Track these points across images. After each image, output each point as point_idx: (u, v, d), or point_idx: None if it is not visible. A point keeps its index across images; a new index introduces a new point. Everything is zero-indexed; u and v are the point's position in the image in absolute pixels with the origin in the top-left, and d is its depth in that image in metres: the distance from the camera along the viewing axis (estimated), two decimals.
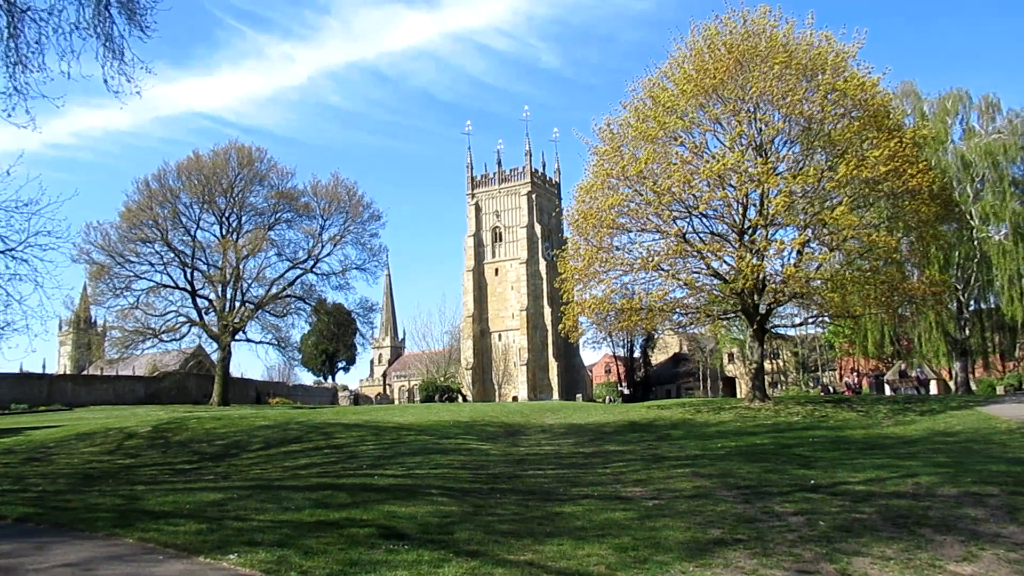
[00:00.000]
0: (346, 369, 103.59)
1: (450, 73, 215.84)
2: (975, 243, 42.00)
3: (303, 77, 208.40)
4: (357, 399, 78.81)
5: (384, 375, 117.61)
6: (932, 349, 46.66)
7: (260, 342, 51.64)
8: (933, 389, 56.32)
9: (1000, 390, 54.01)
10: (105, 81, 12.10)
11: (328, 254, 52.41)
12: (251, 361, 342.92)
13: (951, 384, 51.22)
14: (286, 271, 51.81)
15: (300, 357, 79.11)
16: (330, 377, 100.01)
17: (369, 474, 14.63)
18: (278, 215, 52.04)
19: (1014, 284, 40.90)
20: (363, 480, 13.72)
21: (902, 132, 31.41)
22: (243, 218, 51.21)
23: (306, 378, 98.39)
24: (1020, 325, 47.45)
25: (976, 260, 42.34)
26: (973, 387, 48.72)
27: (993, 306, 45.05)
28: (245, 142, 55.13)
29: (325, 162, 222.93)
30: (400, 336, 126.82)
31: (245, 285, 50.20)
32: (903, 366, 62.43)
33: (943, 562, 7.56)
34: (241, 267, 49.12)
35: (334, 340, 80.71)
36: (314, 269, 52.21)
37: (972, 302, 45.32)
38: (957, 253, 41.66)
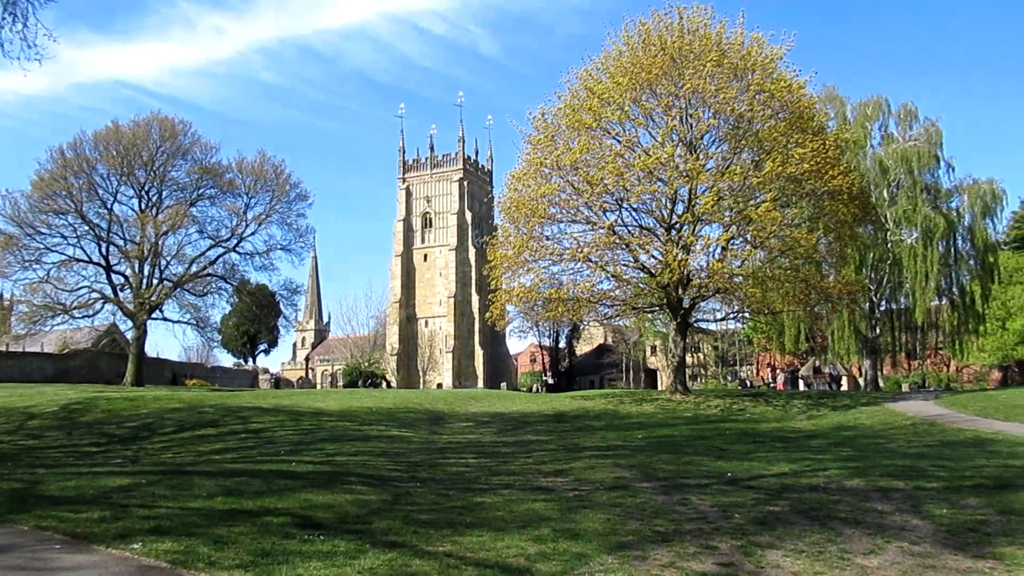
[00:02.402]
0: (268, 352, 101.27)
1: (386, 54, 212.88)
2: (889, 246, 43.60)
3: (233, 51, 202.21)
4: (278, 383, 77.20)
5: (307, 359, 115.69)
6: (844, 347, 48.39)
7: (178, 321, 49.97)
8: (844, 385, 58.45)
9: (906, 387, 56.56)
10: (1, 46, 11.32)
11: (252, 233, 50.95)
12: (168, 341, 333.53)
13: (861, 381, 53.21)
14: (207, 249, 50.16)
15: (220, 338, 77.00)
16: (251, 359, 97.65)
17: (286, 460, 14.28)
18: (201, 191, 50.28)
19: (922, 287, 42.64)
20: (280, 467, 13.38)
21: (825, 135, 32.39)
22: (163, 193, 49.30)
23: (226, 360, 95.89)
24: (925, 326, 49.68)
25: (889, 262, 43.98)
26: (881, 384, 50.77)
27: (903, 307, 46.90)
28: (169, 114, 52.89)
29: (253, 139, 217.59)
30: (325, 320, 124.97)
31: (164, 262, 48.43)
32: (817, 362, 64.62)
33: (851, 555, 7.76)
34: (160, 243, 47.33)
35: (256, 322, 78.60)
36: (237, 248, 50.70)
37: (883, 302, 47.09)
38: (872, 255, 43.19)
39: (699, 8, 31.01)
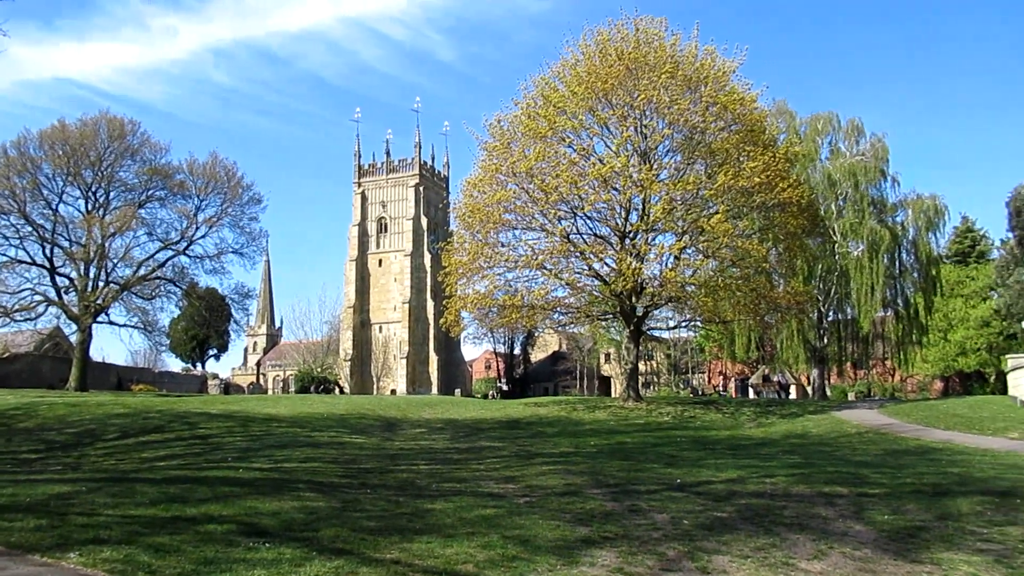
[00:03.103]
0: (217, 357, 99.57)
1: (343, 58, 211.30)
2: (836, 258, 44.57)
3: (186, 51, 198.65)
4: (228, 388, 75.91)
5: (258, 364, 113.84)
6: (793, 356, 49.29)
7: (124, 325, 48.82)
8: (793, 394, 59.57)
9: (852, 396, 57.89)
10: None
11: (203, 236, 50.08)
12: (114, 345, 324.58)
13: (809, 389, 54.27)
14: (156, 252, 49.17)
15: (168, 343, 75.41)
16: (200, 364, 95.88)
17: (233, 467, 14.02)
18: (150, 192, 49.28)
19: (868, 298, 43.67)
20: (226, 473, 13.13)
21: (776, 148, 33.06)
22: (111, 193, 48.21)
23: (174, 365, 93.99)
24: (871, 336, 50.86)
25: (836, 274, 44.94)
26: (828, 393, 51.80)
27: (849, 318, 47.95)
28: (118, 114, 51.71)
29: (205, 141, 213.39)
30: (277, 325, 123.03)
31: (110, 264, 47.32)
32: (766, 371, 65.73)
33: (796, 560, 7.89)
34: (107, 245, 46.24)
35: (206, 326, 77.24)
36: (187, 251, 49.79)
37: (831, 313, 48.07)
38: (820, 266, 44.10)
39: (654, 20, 31.53)
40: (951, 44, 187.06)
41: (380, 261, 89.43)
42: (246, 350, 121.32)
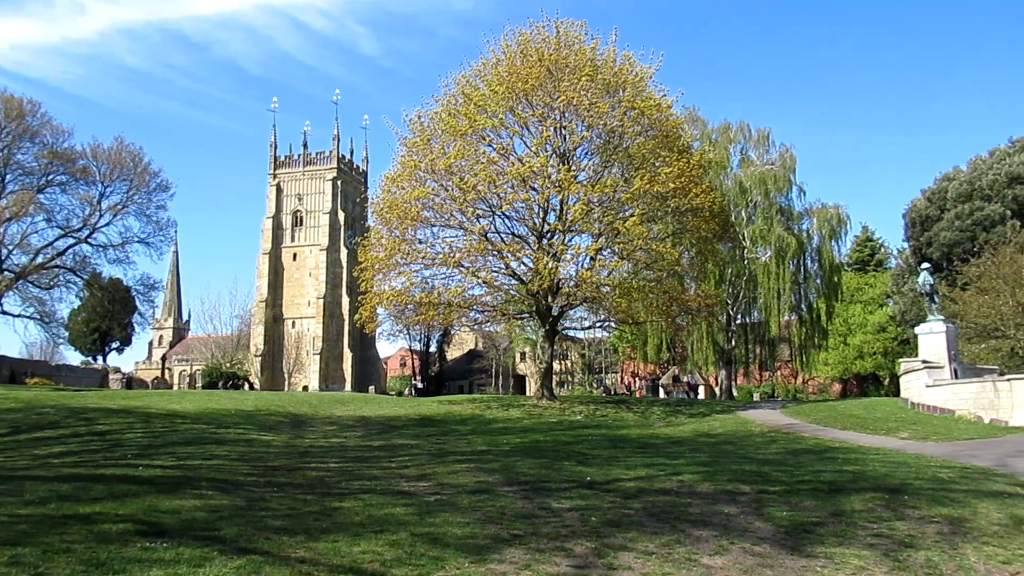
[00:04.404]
0: (120, 350, 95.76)
1: (261, 46, 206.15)
2: (745, 262, 46.04)
3: (94, 31, 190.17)
4: (130, 383, 72.91)
5: (164, 358, 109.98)
6: (703, 357, 50.67)
7: (19, 316, 46.64)
8: (701, 394, 61.19)
9: (757, 397, 59.88)
10: None
11: (107, 224, 48.22)
12: (7, 336, 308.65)
13: (717, 390, 55.84)
14: (56, 239, 47.06)
15: (67, 335, 72.07)
16: (101, 358, 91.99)
17: (133, 464, 13.47)
18: (50, 177, 47.05)
19: (775, 302, 45.28)
20: (125, 471, 12.61)
21: (690, 154, 33.88)
22: (7, 177, 45.85)
23: (73, 358, 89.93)
24: (777, 339, 52.73)
25: (745, 278, 46.43)
26: (735, 393, 53.43)
27: (757, 321, 49.61)
28: (17, 92, 49.16)
29: (113, 125, 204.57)
30: (185, 318, 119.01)
31: (5, 252, 45.06)
32: (677, 372, 67.35)
33: (698, 555, 8.10)
34: (2, 231, 44.01)
35: (108, 318, 74.25)
36: (90, 239, 47.83)
37: (739, 316, 49.63)
38: (730, 270, 45.48)
39: (575, 24, 31.89)
40: (852, 58, 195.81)
41: (295, 255, 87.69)
42: (151, 344, 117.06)
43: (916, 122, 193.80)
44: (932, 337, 30.90)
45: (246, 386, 64.34)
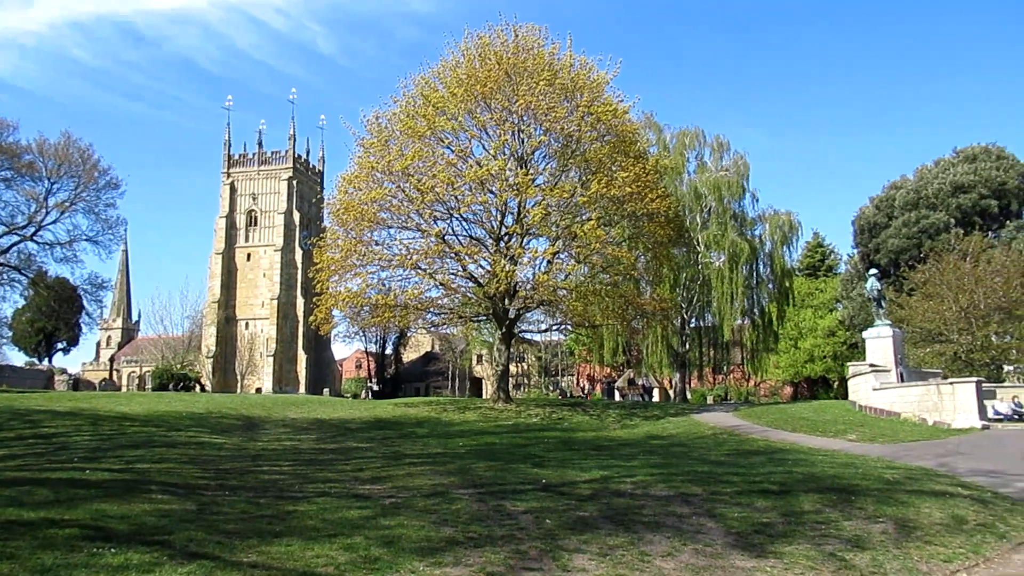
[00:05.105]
0: (67, 351, 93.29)
1: (217, 43, 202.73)
2: (699, 267, 46.62)
3: (44, 24, 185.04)
4: (77, 384, 71.08)
5: (112, 359, 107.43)
6: (657, 360, 51.11)
7: None
8: (656, 397, 61.72)
9: (710, 399, 60.62)
10: None
11: (54, 221, 46.96)
12: None
13: (671, 393, 56.37)
14: (0, 236, 45.71)
15: (10, 334, 70.14)
16: (47, 359, 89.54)
17: (80, 468, 13.16)
18: None
19: (728, 306, 45.94)
20: (72, 475, 12.32)
21: (646, 160, 34.24)
22: None
23: (17, 358, 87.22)
24: (730, 343, 53.49)
25: (699, 282, 47.01)
26: (689, 396, 54.05)
27: (710, 324, 50.24)
28: None
29: (61, 120, 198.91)
30: (135, 318, 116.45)
31: None
32: (632, 374, 67.86)
33: (651, 557, 8.20)
34: None
35: (54, 318, 72.40)
36: (35, 237, 46.54)
37: (693, 320, 50.20)
38: (684, 275, 46.01)
39: (534, 28, 32.01)
40: (805, 66, 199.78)
41: (249, 255, 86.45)
42: (99, 344, 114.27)
43: (866, 131, 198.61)
44: (879, 341, 31.68)
45: (197, 388, 63.20)
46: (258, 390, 76.80)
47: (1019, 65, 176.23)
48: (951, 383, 26.68)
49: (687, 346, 49.46)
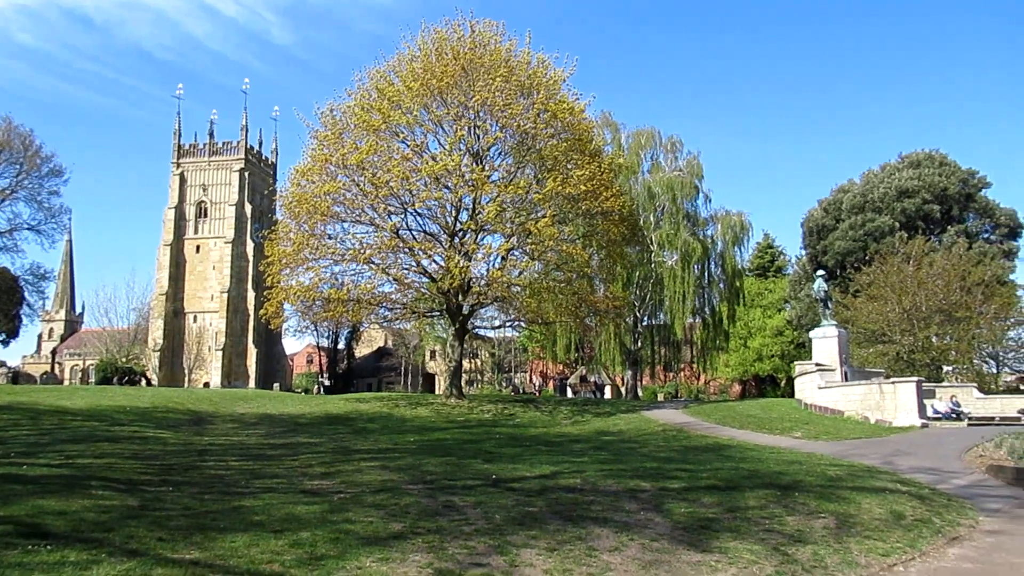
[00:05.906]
0: (6, 343, 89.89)
1: (168, 30, 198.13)
2: (652, 266, 47.06)
3: None
4: (17, 378, 69.05)
5: (54, 352, 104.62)
6: (609, 357, 51.56)
7: None
8: (607, 394, 62.25)
9: (661, 397, 61.40)
10: None
11: None
12: None
13: (623, 390, 56.93)
14: None
15: None
16: None
17: (17, 463, 12.77)
18: None
19: (680, 305, 46.50)
20: (8, 470, 11.94)
21: (601, 158, 34.47)
22: None
23: None
24: (681, 341, 54.18)
25: (652, 281, 47.47)
26: (640, 393, 54.61)
27: (662, 323, 50.80)
28: None
29: (4, 105, 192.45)
30: (78, 310, 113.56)
31: None
32: (584, 371, 68.33)
33: (598, 552, 8.27)
34: None
35: None
36: None
37: (645, 318, 50.69)
38: (637, 273, 46.42)
39: (490, 24, 31.96)
40: (757, 68, 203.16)
41: (198, 247, 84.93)
42: (40, 337, 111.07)
43: (815, 135, 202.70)
44: (825, 341, 32.40)
45: (143, 382, 61.90)
46: (206, 385, 75.49)
47: (963, 72, 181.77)
48: (893, 383, 27.40)
49: (639, 344, 49.93)
